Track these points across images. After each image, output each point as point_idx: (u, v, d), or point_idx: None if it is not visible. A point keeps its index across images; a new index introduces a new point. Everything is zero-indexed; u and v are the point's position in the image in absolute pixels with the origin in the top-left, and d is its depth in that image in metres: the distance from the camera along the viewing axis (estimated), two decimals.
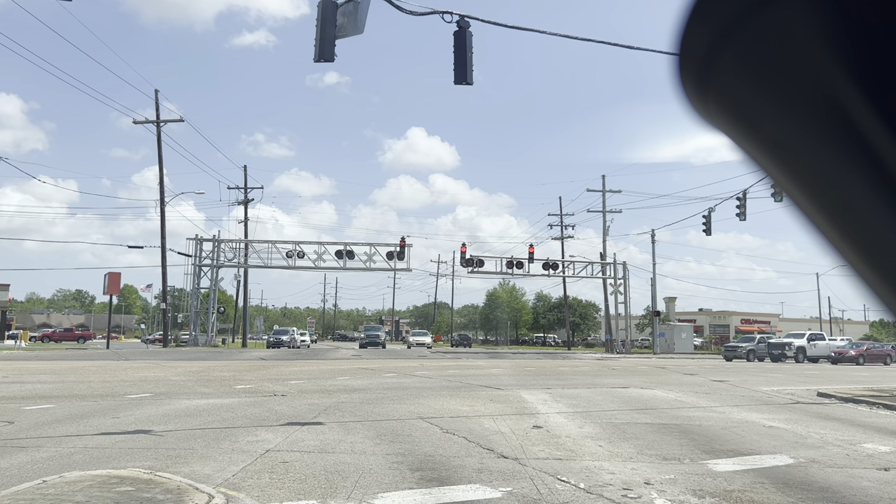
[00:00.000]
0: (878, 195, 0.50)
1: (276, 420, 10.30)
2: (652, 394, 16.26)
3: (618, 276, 52.30)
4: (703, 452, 8.32)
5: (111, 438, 8.51)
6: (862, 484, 6.84)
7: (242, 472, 6.71)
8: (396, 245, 45.30)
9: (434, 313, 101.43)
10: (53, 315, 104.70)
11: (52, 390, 14.31)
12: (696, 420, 11.38)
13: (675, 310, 62.86)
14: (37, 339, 61.93)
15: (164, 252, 44.13)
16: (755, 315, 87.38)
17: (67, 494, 5.40)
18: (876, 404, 14.57)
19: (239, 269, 50.63)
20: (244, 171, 53.53)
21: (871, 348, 43.43)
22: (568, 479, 6.62)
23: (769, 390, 18.22)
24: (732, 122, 0.58)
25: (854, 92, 0.48)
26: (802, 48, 0.49)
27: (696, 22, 0.55)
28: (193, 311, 46.71)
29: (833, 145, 0.51)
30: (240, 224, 52.98)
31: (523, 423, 10.43)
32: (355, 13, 10.91)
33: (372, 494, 5.90)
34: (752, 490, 6.41)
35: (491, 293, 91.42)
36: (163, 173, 44.07)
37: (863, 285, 0.56)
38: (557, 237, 59.94)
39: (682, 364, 34.56)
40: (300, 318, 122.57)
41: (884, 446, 9.24)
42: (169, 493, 5.54)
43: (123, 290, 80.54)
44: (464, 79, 11.53)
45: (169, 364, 25.47)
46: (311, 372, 22.05)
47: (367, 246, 45.99)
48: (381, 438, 8.79)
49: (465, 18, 11.67)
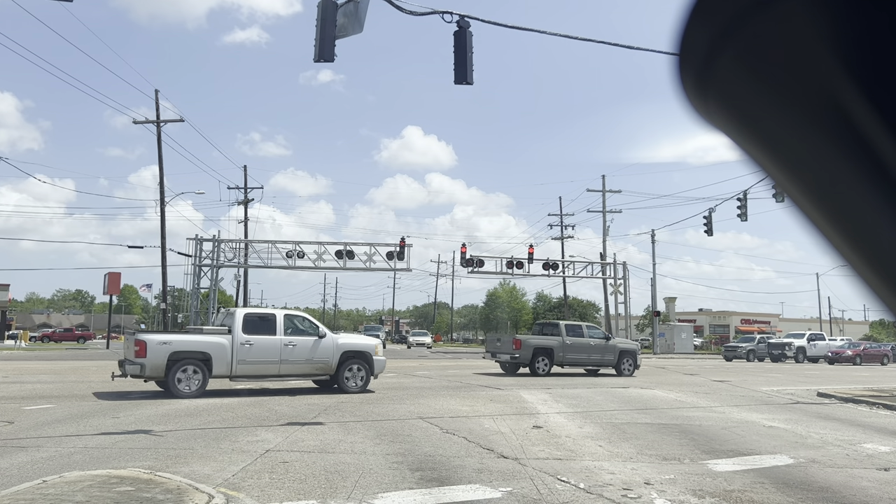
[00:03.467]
0: (878, 195, 0.50)
1: (276, 420, 10.30)
2: (652, 394, 16.26)
3: (618, 276, 52.26)
4: (703, 452, 8.32)
5: (111, 438, 8.52)
6: (862, 484, 6.84)
7: (242, 472, 6.71)
8: (396, 245, 45.29)
9: (434, 313, 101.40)
10: (53, 315, 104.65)
11: (52, 390, 14.31)
12: (696, 420, 11.38)
13: (675, 310, 62.85)
14: (37, 339, 61.85)
15: (164, 252, 44.15)
16: (755, 315, 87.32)
17: (67, 494, 5.40)
18: (876, 404, 14.57)
19: (239, 269, 50.64)
20: (244, 172, 53.52)
21: (868, 348, 43.44)
22: (568, 479, 6.62)
23: (769, 390, 18.22)
24: (732, 121, 0.58)
25: (854, 91, 0.48)
26: (802, 48, 0.49)
27: (696, 21, 0.55)
28: (193, 311, 46.67)
29: (833, 145, 0.51)
30: (239, 224, 52.98)
31: (523, 423, 10.43)
32: (356, 13, 10.91)
33: (372, 494, 5.90)
34: (752, 490, 6.41)
35: (491, 293, 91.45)
36: (163, 173, 44.03)
37: (863, 285, 0.56)
38: (557, 237, 59.86)
39: (682, 364, 34.56)
40: None
41: (884, 446, 9.24)
42: (169, 493, 5.54)
43: (123, 290, 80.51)
44: (464, 79, 11.52)
45: None
46: None
47: (367, 246, 45.98)
48: (381, 438, 8.79)
49: (465, 18, 11.67)
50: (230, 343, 13.80)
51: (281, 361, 14.27)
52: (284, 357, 14.28)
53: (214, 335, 13.94)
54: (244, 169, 53.43)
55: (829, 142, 0.51)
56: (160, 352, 13.19)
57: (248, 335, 14.00)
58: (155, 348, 13.17)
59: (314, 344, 14.56)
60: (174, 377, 13.22)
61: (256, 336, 14.07)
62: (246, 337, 13.95)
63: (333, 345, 14.85)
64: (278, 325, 14.42)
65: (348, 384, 14.80)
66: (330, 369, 14.81)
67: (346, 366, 14.86)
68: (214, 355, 13.59)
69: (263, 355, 14.05)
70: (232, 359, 13.77)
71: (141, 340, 13.20)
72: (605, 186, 53.40)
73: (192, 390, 13.29)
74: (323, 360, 14.68)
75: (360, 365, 15.01)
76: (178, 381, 13.25)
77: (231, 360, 13.77)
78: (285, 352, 14.26)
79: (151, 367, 13.09)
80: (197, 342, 13.77)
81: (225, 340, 13.80)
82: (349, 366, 14.90)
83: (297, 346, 14.38)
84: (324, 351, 14.68)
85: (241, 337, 13.90)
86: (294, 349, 14.34)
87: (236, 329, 13.93)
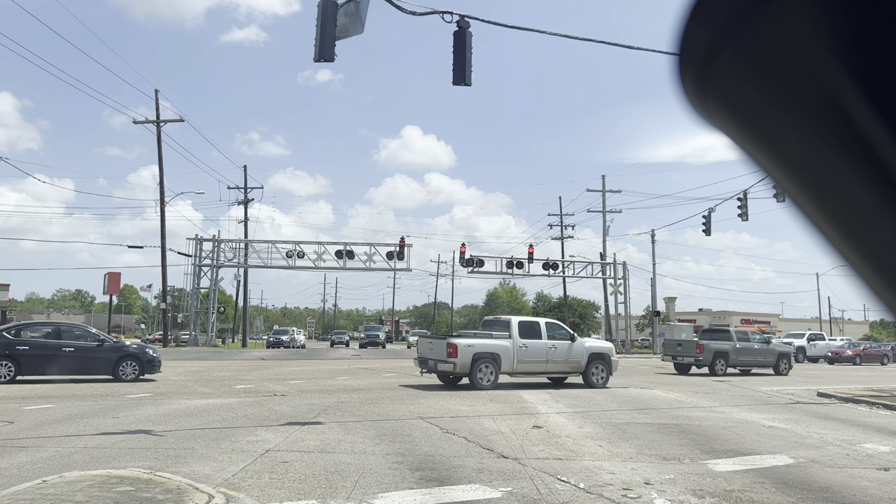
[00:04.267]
0: (878, 195, 0.50)
1: (276, 420, 10.30)
2: (652, 394, 16.26)
3: (618, 276, 52.28)
4: (703, 452, 8.32)
5: (111, 438, 8.51)
6: (862, 484, 6.84)
7: (242, 471, 6.71)
8: (396, 245, 45.30)
9: (434, 313, 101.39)
10: (53, 315, 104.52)
11: (52, 390, 14.30)
12: (696, 420, 11.38)
13: (674, 310, 62.76)
14: None
15: (164, 252, 44.14)
16: (755, 315, 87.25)
17: (67, 494, 5.40)
18: (876, 404, 14.57)
19: (239, 269, 50.63)
20: (244, 172, 53.51)
21: (867, 348, 43.44)
22: (568, 479, 6.62)
23: (769, 390, 18.22)
24: (732, 121, 0.58)
25: (854, 91, 0.48)
26: (803, 47, 0.49)
27: (697, 21, 0.55)
28: (193, 311, 46.69)
29: (833, 145, 0.51)
30: (239, 224, 52.95)
31: (523, 423, 10.43)
32: (356, 13, 10.90)
33: (372, 494, 5.90)
34: (752, 490, 6.41)
35: (491, 293, 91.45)
36: (163, 173, 44.03)
37: (863, 285, 0.56)
38: (557, 237, 59.86)
39: None
40: (300, 318, 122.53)
41: (884, 446, 9.24)
42: (169, 493, 5.54)
43: (123, 290, 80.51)
44: (462, 79, 11.52)
45: (169, 364, 25.43)
46: (311, 372, 22.06)
47: (367, 246, 45.98)
48: (381, 438, 8.79)
49: (465, 18, 11.66)
50: (512, 346, 16.39)
51: (547, 361, 16.90)
52: (549, 357, 16.90)
53: (501, 339, 16.47)
54: (244, 169, 53.43)
55: (829, 142, 0.51)
56: (467, 352, 15.82)
57: (524, 339, 16.54)
58: (463, 350, 15.82)
59: (569, 346, 17.18)
60: (476, 373, 15.86)
61: (529, 340, 16.62)
62: (522, 341, 16.52)
63: (583, 347, 17.46)
64: (542, 330, 17.02)
65: (593, 380, 17.41)
66: (581, 368, 17.40)
67: (592, 365, 17.48)
68: (502, 355, 16.26)
69: (535, 356, 16.68)
70: (514, 358, 16.41)
71: (453, 343, 15.87)
72: (605, 186, 53.41)
73: (489, 383, 15.98)
74: (576, 360, 17.28)
75: (602, 365, 17.67)
76: (480, 377, 15.90)
77: (513, 359, 16.41)
78: (550, 353, 16.90)
79: (461, 364, 15.75)
80: (491, 345, 16.34)
81: (508, 343, 16.42)
82: (595, 365, 17.54)
83: (558, 348, 17.05)
84: (577, 352, 17.27)
85: (519, 341, 16.49)
86: (555, 351, 16.99)
87: (514, 334, 16.49)
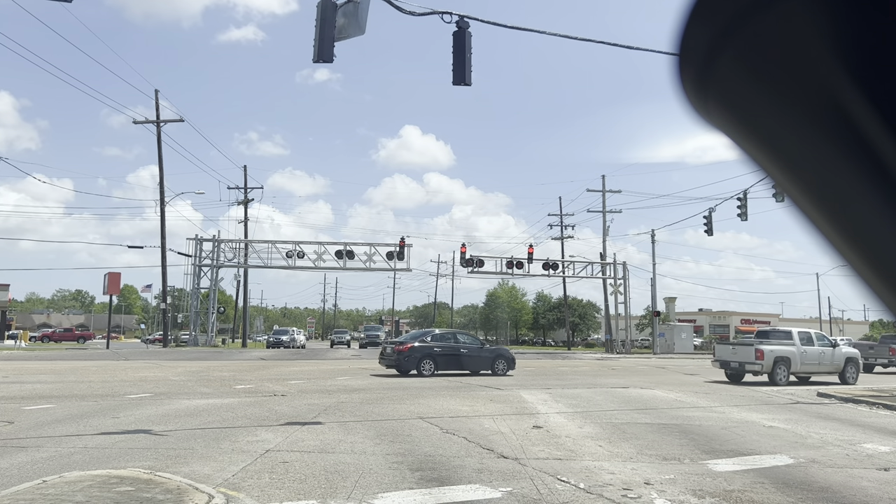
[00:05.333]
0: (877, 195, 0.50)
1: (276, 420, 10.30)
2: (652, 394, 16.26)
3: (618, 276, 52.29)
4: (703, 452, 8.32)
5: (111, 438, 8.51)
6: (862, 484, 6.84)
7: (242, 472, 6.71)
8: (396, 245, 45.31)
9: (434, 313, 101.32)
10: (53, 315, 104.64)
11: (52, 390, 14.31)
12: (696, 420, 11.38)
13: (674, 310, 62.79)
14: (37, 340, 61.85)
15: (164, 252, 44.14)
16: (755, 315, 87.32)
17: (67, 494, 5.40)
18: (876, 404, 14.57)
19: (239, 269, 50.63)
20: (244, 172, 53.52)
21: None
22: (568, 479, 6.62)
23: (769, 390, 18.23)
24: (732, 121, 0.58)
25: (854, 91, 0.48)
26: (803, 47, 0.49)
27: (697, 21, 0.55)
28: (193, 311, 46.70)
29: (833, 145, 0.51)
30: (239, 224, 52.95)
31: (523, 423, 10.43)
32: (356, 13, 10.89)
33: (372, 494, 5.90)
34: (752, 490, 6.41)
35: (491, 293, 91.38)
36: (163, 173, 44.04)
37: (863, 285, 0.56)
38: (557, 237, 59.91)
39: (682, 364, 34.56)
40: (300, 318, 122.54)
41: (884, 446, 9.24)
42: (169, 493, 5.54)
43: (123, 291, 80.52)
44: (462, 80, 11.52)
45: (169, 364, 25.46)
46: (311, 372, 22.06)
47: (367, 246, 45.98)
48: (381, 438, 8.79)
49: (464, 19, 11.66)
50: (797, 351, 20.54)
51: (819, 363, 20.97)
52: (821, 360, 20.99)
53: (789, 346, 20.54)
54: (244, 169, 53.44)
55: (829, 141, 0.51)
56: (770, 356, 19.95)
57: (804, 346, 20.69)
58: (768, 354, 19.93)
59: (833, 352, 21.26)
60: (777, 371, 20.01)
61: (807, 347, 20.80)
62: (803, 347, 20.68)
63: (841, 353, 21.49)
64: (814, 339, 21.24)
65: (848, 378, 21.36)
66: (839, 369, 21.38)
67: (847, 366, 21.45)
68: (791, 359, 20.32)
69: (812, 359, 20.83)
70: (798, 361, 20.46)
71: (760, 350, 19.98)
72: (605, 186, 53.43)
73: (783, 381, 19.97)
74: (837, 364, 21.30)
75: (854, 367, 21.73)
76: (780, 376, 19.99)
77: (798, 361, 20.46)
78: (821, 357, 20.99)
79: (766, 366, 19.93)
80: (786, 350, 20.40)
81: (795, 349, 20.52)
82: (849, 366, 21.55)
83: (825, 353, 21.12)
84: (837, 357, 21.32)
85: (801, 347, 20.63)
86: (824, 355, 21.06)
87: (796, 342, 20.66)
